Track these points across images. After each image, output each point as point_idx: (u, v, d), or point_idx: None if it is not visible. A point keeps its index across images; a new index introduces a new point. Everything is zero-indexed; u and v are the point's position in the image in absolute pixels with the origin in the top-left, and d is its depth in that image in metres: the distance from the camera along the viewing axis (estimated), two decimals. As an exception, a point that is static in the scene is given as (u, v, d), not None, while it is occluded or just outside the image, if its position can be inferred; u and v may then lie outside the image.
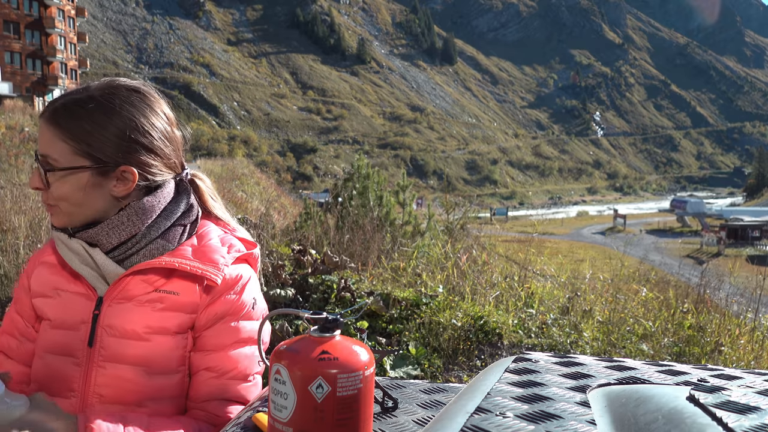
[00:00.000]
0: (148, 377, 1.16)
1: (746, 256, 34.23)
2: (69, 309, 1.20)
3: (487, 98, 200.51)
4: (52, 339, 1.20)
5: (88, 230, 1.18)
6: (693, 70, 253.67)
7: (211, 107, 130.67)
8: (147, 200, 1.19)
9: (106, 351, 1.16)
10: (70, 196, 1.15)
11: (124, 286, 1.18)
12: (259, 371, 1.26)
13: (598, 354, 4.19)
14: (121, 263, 1.19)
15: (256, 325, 1.25)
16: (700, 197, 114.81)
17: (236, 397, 1.21)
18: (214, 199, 1.35)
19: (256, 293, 1.27)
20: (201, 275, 1.19)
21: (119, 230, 1.18)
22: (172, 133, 1.24)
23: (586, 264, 9.00)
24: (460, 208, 8.80)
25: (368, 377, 0.89)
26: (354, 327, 3.41)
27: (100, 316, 1.18)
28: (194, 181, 1.33)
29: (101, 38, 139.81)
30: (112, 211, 1.19)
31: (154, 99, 1.22)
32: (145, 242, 1.19)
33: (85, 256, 1.19)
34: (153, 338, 1.17)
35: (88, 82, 1.21)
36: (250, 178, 25.54)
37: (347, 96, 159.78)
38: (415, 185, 58.39)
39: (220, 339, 1.20)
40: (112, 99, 1.16)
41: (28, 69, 45.26)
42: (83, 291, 1.20)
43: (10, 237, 7.09)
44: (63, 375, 1.18)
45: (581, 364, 0.91)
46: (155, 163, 1.21)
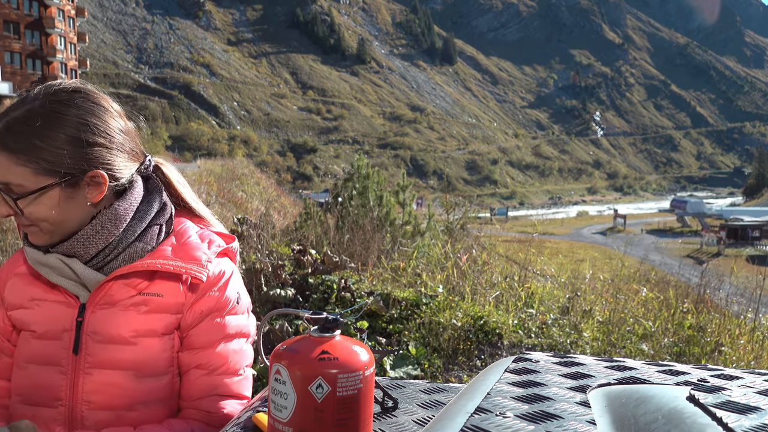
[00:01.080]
0: (138, 381, 1.15)
1: (746, 256, 34.26)
2: (50, 318, 1.18)
3: (487, 98, 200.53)
4: (34, 349, 1.18)
5: (63, 244, 1.15)
6: (693, 70, 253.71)
7: (211, 107, 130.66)
8: (118, 205, 1.17)
9: (93, 357, 1.14)
10: (48, 216, 1.12)
11: (107, 291, 1.16)
12: (248, 364, 1.26)
13: (598, 354, 4.19)
14: (100, 270, 1.17)
15: (241, 320, 1.24)
16: (700, 197, 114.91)
17: (228, 392, 1.21)
18: (183, 185, 1.32)
19: (239, 287, 1.26)
20: (185, 274, 1.17)
21: (95, 239, 1.15)
22: (125, 126, 1.20)
23: (587, 264, 9.01)
24: (460, 208, 8.80)
25: (368, 377, 0.89)
26: (354, 327, 3.40)
27: (84, 322, 1.15)
28: (160, 168, 1.29)
29: (101, 38, 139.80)
30: (86, 221, 1.16)
31: (98, 95, 1.17)
32: (123, 246, 1.17)
33: (62, 268, 1.16)
34: (140, 341, 1.15)
35: (23, 94, 1.15)
36: (250, 178, 25.54)
37: (347, 96, 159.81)
38: (415, 185, 58.43)
39: (207, 336, 1.20)
40: (55, 107, 1.10)
41: (28, 69, 45.24)
42: (63, 299, 1.18)
43: (10, 237, 7.09)
44: (48, 384, 1.16)
45: (581, 364, 0.91)
46: (119, 160, 1.17)
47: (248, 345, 1.26)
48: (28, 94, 1.14)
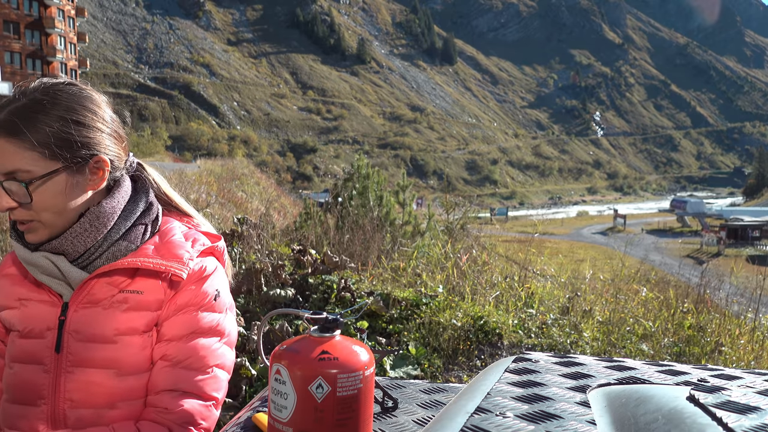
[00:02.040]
0: (119, 379, 1.15)
1: (746, 256, 34.25)
2: (34, 317, 1.19)
3: (487, 98, 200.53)
4: (20, 348, 1.19)
5: (52, 242, 1.17)
6: (693, 70, 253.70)
7: (211, 107, 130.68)
8: (106, 203, 1.19)
9: (74, 356, 1.15)
10: (53, 203, 1.13)
11: (89, 290, 1.17)
12: (219, 364, 1.21)
13: (598, 354, 4.19)
14: (85, 269, 1.18)
15: (216, 317, 1.23)
16: (700, 197, 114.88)
17: (190, 388, 1.17)
18: (164, 185, 1.34)
19: (220, 285, 1.26)
20: (165, 271, 1.18)
21: (84, 237, 1.17)
22: (115, 116, 1.23)
23: (587, 264, 9.00)
24: (460, 208, 8.79)
25: (368, 377, 0.89)
26: (354, 327, 3.41)
27: (66, 321, 1.17)
28: (144, 167, 1.32)
29: (101, 38, 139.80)
30: (75, 218, 1.18)
31: (87, 87, 1.20)
32: (108, 245, 1.19)
33: (48, 266, 1.18)
34: (121, 339, 1.16)
35: (17, 89, 1.17)
36: (250, 178, 25.53)
37: (347, 96, 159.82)
38: (415, 185, 58.43)
39: (177, 328, 1.19)
40: (57, 95, 1.14)
41: (28, 69, 45.22)
42: (47, 298, 1.19)
43: (9, 237, 7.09)
44: (32, 383, 1.17)
45: (581, 364, 0.91)
46: (117, 148, 1.21)
47: (224, 345, 1.22)
48: (25, 87, 1.16)
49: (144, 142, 45.88)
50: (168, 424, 1.14)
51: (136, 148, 32.52)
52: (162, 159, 35.72)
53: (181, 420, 1.14)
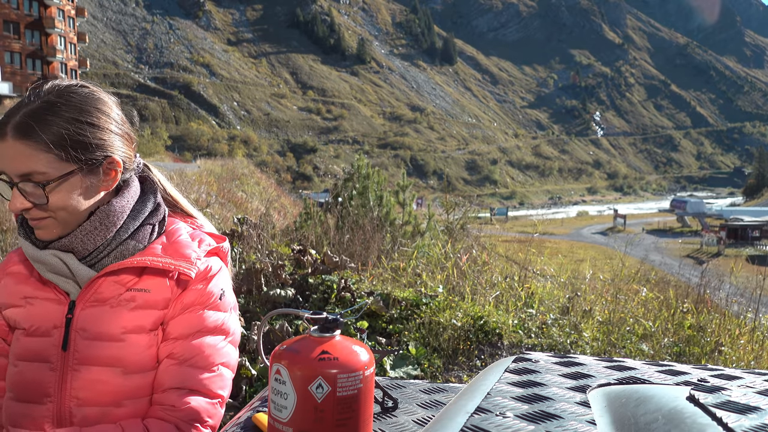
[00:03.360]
0: (125, 377, 1.16)
1: (746, 256, 34.25)
2: (41, 315, 1.20)
3: (487, 98, 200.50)
4: (26, 346, 1.20)
5: (62, 239, 1.18)
6: (693, 70, 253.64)
7: (211, 107, 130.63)
8: (116, 202, 1.20)
9: (81, 354, 1.16)
10: (68, 204, 1.15)
11: (97, 288, 1.18)
12: (224, 362, 1.23)
13: (598, 354, 4.19)
14: (93, 267, 1.20)
15: (222, 316, 1.24)
16: (700, 197, 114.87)
17: (197, 386, 1.18)
18: (169, 187, 1.36)
19: (225, 285, 1.28)
20: (173, 271, 1.20)
21: (93, 235, 1.18)
22: (124, 117, 1.26)
23: (587, 264, 9.01)
24: (460, 208, 8.79)
25: (368, 377, 0.89)
26: (354, 327, 3.40)
27: (73, 319, 1.18)
28: (150, 168, 1.34)
29: (101, 38, 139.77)
30: (85, 217, 1.19)
31: (96, 89, 1.22)
32: (116, 244, 1.20)
33: (57, 264, 1.18)
34: (128, 338, 1.17)
35: (30, 91, 1.18)
36: (250, 178, 25.53)
37: (347, 96, 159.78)
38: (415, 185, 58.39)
39: (184, 327, 1.20)
40: (71, 97, 1.15)
41: (28, 69, 45.21)
42: (54, 296, 1.20)
43: (9, 237, 7.10)
44: (38, 381, 1.17)
45: (581, 364, 0.91)
46: (128, 150, 1.23)
47: (228, 344, 1.24)
48: (39, 89, 1.17)
49: (144, 142, 45.80)
50: (175, 422, 1.15)
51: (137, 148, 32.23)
52: (162, 159, 35.68)
53: (188, 417, 1.15)
